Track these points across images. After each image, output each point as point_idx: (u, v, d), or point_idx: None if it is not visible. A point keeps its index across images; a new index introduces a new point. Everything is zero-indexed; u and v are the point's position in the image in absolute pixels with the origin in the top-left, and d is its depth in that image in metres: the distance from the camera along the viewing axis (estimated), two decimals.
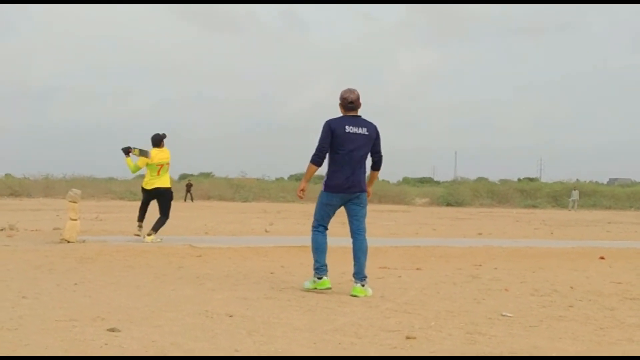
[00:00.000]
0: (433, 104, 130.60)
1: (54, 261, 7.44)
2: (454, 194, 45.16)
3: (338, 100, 5.94)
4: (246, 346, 3.78)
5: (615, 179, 75.05)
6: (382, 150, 6.03)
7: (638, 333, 4.41)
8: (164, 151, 10.39)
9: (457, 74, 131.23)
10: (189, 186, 42.53)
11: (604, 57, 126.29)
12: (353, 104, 5.90)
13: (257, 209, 28.66)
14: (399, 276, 6.98)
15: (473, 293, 5.95)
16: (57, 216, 17.43)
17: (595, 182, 57.90)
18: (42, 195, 39.97)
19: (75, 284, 5.84)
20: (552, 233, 15.87)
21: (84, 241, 9.68)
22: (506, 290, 6.15)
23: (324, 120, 5.92)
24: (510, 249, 10.34)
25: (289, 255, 8.57)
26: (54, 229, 12.04)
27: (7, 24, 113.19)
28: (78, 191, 10.14)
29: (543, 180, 62.47)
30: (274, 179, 57.39)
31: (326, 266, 5.91)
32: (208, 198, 44.60)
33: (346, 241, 6.27)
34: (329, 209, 5.97)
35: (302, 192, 6.10)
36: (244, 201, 43.42)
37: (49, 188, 41.57)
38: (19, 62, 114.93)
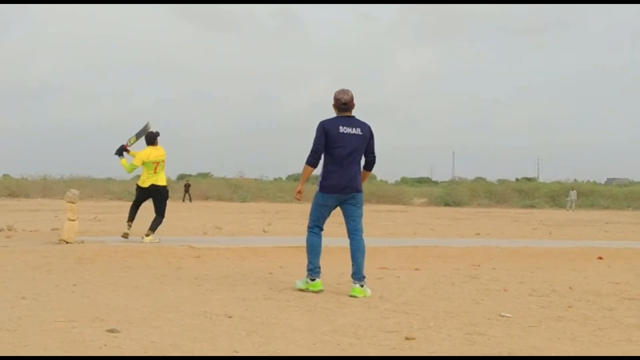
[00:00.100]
0: (431, 104, 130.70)
1: (53, 262, 7.44)
2: (452, 194, 45.23)
3: (332, 101, 5.96)
4: (245, 347, 3.78)
5: (613, 179, 75.12)
6: (378, 150, 6.04)
7: (637, 333, 4.41)
8: (159, 149, 10.38)
9: (455, 74, 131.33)
10: (187, 186, 42.54)
11: (603, 57, 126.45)
12: (347, 105, 5.91)
13: (256, 209, 28.67)
14: (398, 276, 6.98)
15: (472, 293, 5.95)
16: (56, 217, 17.42)
17: (593, 182, 58.03)
18: (40, 195, 39.96)
19: (74, 285, 5.84)
20: (551, 233, 15.89)
21: (83, 242, 9.67)
22: (505, 290, 6.16)
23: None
24: (508, 249, 10.35)
25: (288, 255, 8.57)
26: (52, 230, 12.03)
27: (6, 24, 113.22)
28: (76, 192, 10.13)
29: (541, 180, 62.54)
30: (272, 179, 57.46)
31: (319, 268, 5.91)
32: (206, 198, 44.62)
33: (345, 241, 6.27)
34: (325, 210, 5.97)
35: (300, 194, 6.12)
36: (242, 201, 43.46)
37: (47, 188, 41.56)
38: (18, 62, 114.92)
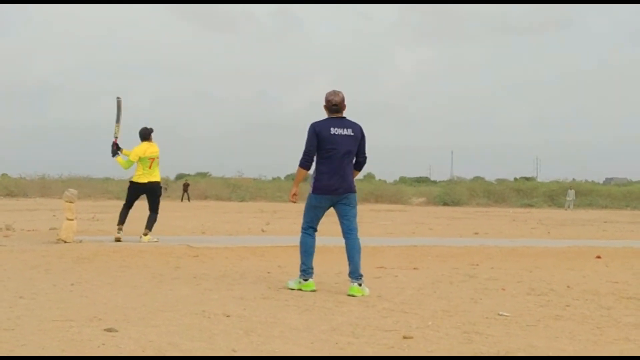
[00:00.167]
0: (430, 104, 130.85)
1: (51, 261, 7.43)
2: (451, 194, 45.26)
3: (323, 102, 5.98)
4: (243, 346, 3.78)
5: (611, 179, 75.20)
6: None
7: (634, 332, 4.42)
8: (153, 145, 10.34)
9: (454, 73, 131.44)
10: (186, 186, 42.56)
11: (602, 56, 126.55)
12: (337, 106, 5.93)
13: (254, 209, 28.66)
14: (396, 276, 6.98)
15: (470, 292, 5.96)
16: (54, 216, 17.40)
17: (591, 182, 58.09)
18: (39, 195, 39.94)
19: (72, 284, 5.84)
20: (549, 232, 15.89)
21: (81, 241, 9.66)
22: (503, 289, 6.16)
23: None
24: (507, 249, 10.35)
25: (286, 255, 8.56)
26: (51, 229, 12.02)
27: (4, 23, 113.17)
28: (74, 191, 10.12)
29: (539, 179, 62.59)
30: (271, 179, 57.47)
31: (312, 269, 5.94)
32: (205, 198, 44.61)
33: (342, 240, 6.28)
34: (318, 211, 6.01)
35: (295, 197, 6.18)
36: (241, 201, 43.43)
37: (46, 188, 41.54)
38: (16, 62, 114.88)
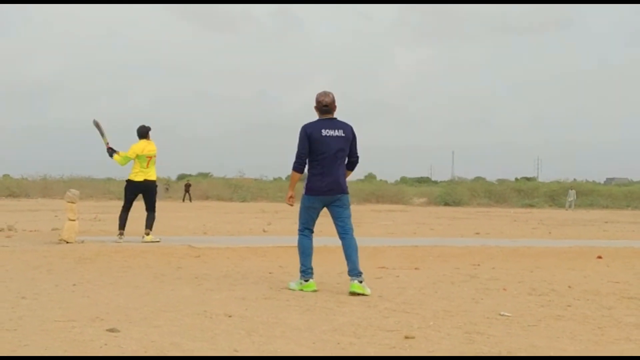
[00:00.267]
0: (430, 104, 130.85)
1: (53, 262, 7.44)
2: (452, 194, 45.23)
3: (313, 103, 6.01)
4: (245, 346, 3.79)
5: (612, 179, 75.17)
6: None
7: (636, 332, 4.42)
8: (151, 143, 10.33)
9: (455, 73, 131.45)
10: (188, 186, 42.58)
11: (603, 56, 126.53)
12: (328, 107, 5.97)
13: (255, 209, 28.66)
14: (397, 276, 6.99)
15: (471, 292, 5.96)
16: (56, 217, 17.42)
17: (592, 182, 58.05)
18: (40, 195, 39.96)
19: (74, 285, 5.85)
20: (550, 232, 15.89)
21: (83, 241, 9.68)
22: (504, 289, 6.17)
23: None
24: (508, 249, 10.36)
25: (287, 255, 8.57)
26: (53, 230, 12.04)
27: (4, 23, 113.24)
28: (76, 191, 10.14)
29: (540, 179, 62.58)
30: (272, 179, 57.45)
31: (312, 269, 5.98)
32: (206, 198, 44.60)
33: None
34: (312, 212, 6.04)
35: (291, 200, 6.21)
36: (242, 201, 43.43)
37: (47, 188, 41.55)
38: (16, 62, 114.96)
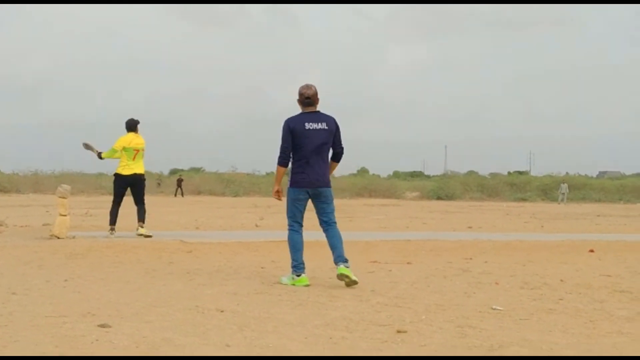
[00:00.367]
0: (423, 98, 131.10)
1: (44, 257, 7.41)
2: (444, 188, 45.34)
3: (296, 96, 6.05)
4: (237, 341, 3.77)
5: (604, 172, 75.52)
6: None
7: (627, 325, 4.44)
8: (139, 137, 10.27)
9: (448, 69, 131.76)
10: (180, 181, 42.51)
11: (595, 52, 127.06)
12: (310, 99, 6.00)
13: (248, 204, 28.62)
14: (390, 270, 6.99)
15: (463, 286, 5.97)
16: (47, 212, 17.35)
17: (584, 175, 58.25)
18: (32, 191, 39.82)
19: (65, 280, 5.82)
20: (542, 226, 15.94)
21: (74, 237, 9.63)
22: (496, 283, 6.18)
23: None
24: (500, 243, 10.37)
25: (280, 250, 8.55)
26: (44, 225, 11.98)
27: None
28: (67, 187, 10.09)
29: (533, 173, 62.79)
30: (265, 174, 57.37)
31: (303, 264, 6.01)
32: (198, 193, 44.56)
33: None
34: (299, 204, 6.07)
35: (278, 194, 6.25)
36: (235, 196, 43.38)
37: (38, 184, 41.43)
38: (9, 58, 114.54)
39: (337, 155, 6.22)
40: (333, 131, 6.03)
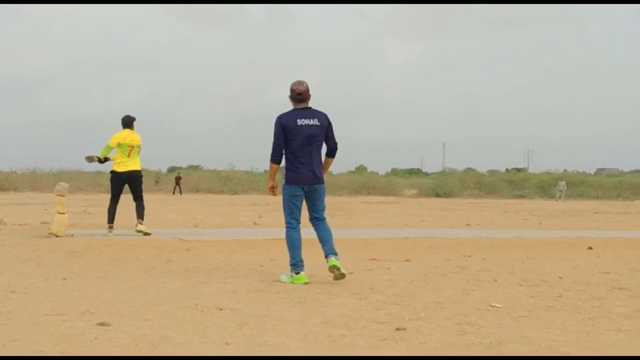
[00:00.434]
0: (421, 96, 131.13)
1: (42, 255, 7.41)
2: (443, 185, 45.35)
3: (288, 92, 6.06)
4: (236, 339, 3.78)
5: (602, 169, 75.52)
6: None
7: (626, 322, 4.44)
8: (134, 133, 10.26)
9: (446, 67, 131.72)
10: (178, 179, 42.49)
11: (593, 52, 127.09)
12: (302, 96, 6.02)
13: (246, 202, 28.61)
14: (388, 268, 6.99)
15: (462, 284, 5.97)
16: (45, 210, 17.33)
17: (582, 172, 58.23)
18: (30, 189, 39.76)
19: (64, 278, 5.82)
20: (541, 223, 15.95)
21: (72, 235, 9.63)
22: (495, 280, 6.18)
23: None
24: (498, 240, 10.38)
25: (278, 247, 8.55)
26: (42, 223, 11.96)
27: None
28: (66, 185, 10.08)
29: (531, 170, 62.74)
30: (263, 171, 57.25)
31: (302, 261, 6.02)
32: (197, 191, 44.52)
33: (336, 232, 6.32)
34: (295, 200, 6.08)
35: (273, 190, 6.28)
36: (233, 194, 43.36)
37: (37, 182, 41.36)
38: (8, 57, 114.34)
39: (332, 150, 6.24)
40: (325, 127, 6.05)
